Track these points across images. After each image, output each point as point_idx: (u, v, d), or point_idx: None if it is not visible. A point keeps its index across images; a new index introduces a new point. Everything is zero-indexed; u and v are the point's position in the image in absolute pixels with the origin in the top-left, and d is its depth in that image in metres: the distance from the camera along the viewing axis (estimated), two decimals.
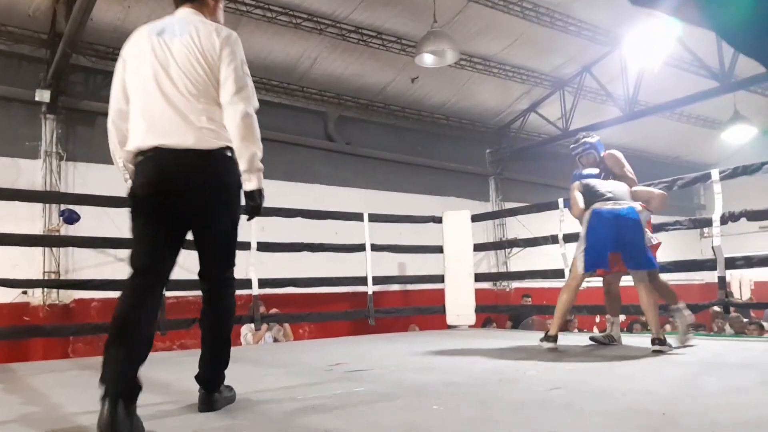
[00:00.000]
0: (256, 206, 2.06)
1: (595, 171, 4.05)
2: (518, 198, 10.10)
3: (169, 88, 1.98)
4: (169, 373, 3.39)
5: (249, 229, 5.19)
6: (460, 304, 6.04)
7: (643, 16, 7.34)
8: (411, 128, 9.53)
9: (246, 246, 5.15)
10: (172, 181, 1.98)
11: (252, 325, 5.35)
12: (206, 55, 2.02)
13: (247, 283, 5.16)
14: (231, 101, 2.00)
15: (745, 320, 7.24)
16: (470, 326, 6.06)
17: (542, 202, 6.41)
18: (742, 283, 11.65)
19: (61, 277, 6.33)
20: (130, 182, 2.11)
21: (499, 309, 8.54)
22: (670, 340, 3.70)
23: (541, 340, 3.81)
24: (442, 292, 6.14)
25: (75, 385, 3.01)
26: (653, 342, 3.50)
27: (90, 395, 2.66)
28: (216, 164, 2.02)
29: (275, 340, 6.31)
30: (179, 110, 1.97)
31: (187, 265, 6.13)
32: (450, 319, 6.09)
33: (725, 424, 1.71)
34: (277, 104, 8.26)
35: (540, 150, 10.56)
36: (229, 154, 2.04)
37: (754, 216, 4.44)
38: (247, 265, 5.19)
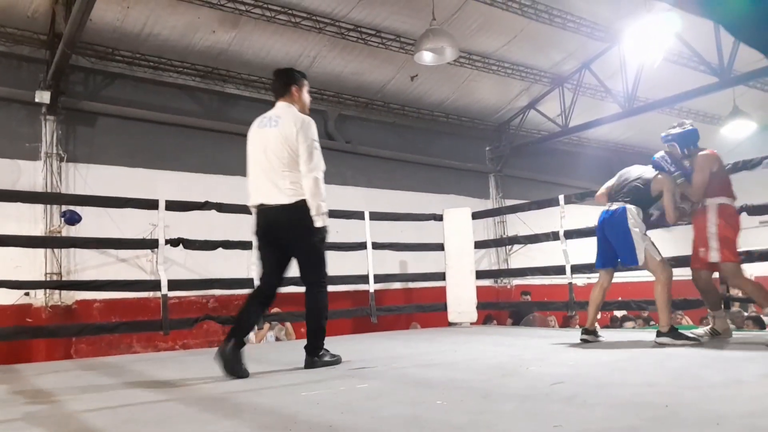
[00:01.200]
0: (321, 238, 3.15)
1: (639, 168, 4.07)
2: (518, 195, 10.11)
3: (265, 164, 3.13)
4: (173, 371, 3.40)
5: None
6: (462, 302, 6.05)
7: (642, 11, 7.34)
8: (411, 126, 9.54)
9: (248, 246, 5.17)
10: (272, 224, 3.16)
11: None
12: (288, 140, 3.12)
13: (248, 282, 5.18)
14: (305, 171, 3.10)
15: (744, 314, 7.25)
16: (472, 323, 6.07)
17: (542, 198, 6.42)
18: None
19: (63, 279, 6.35)
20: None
21: (501, 306, 8.55)
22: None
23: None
24: (443, 289, 6.15)
25: (79, 385, 3.02)
26: (658, 334, 3.54)
27: (94, 394, 2.68)
28: (296, 211, 3.08)
29: (277, 339, 6.32)
30: (272, 180, 3.11)
31: (188, 265, 6.14)
32: (451, 317, 6.10)
33: (728, 416, 1.72)
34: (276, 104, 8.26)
35: (540, 147, 10.56)
36: (303, 204, 3.09)
37: (754, 211, 4.44)
38: (249, 265, 5.21)
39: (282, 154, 3.10)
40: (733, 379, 2.36)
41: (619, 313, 8.76)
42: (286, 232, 3.14)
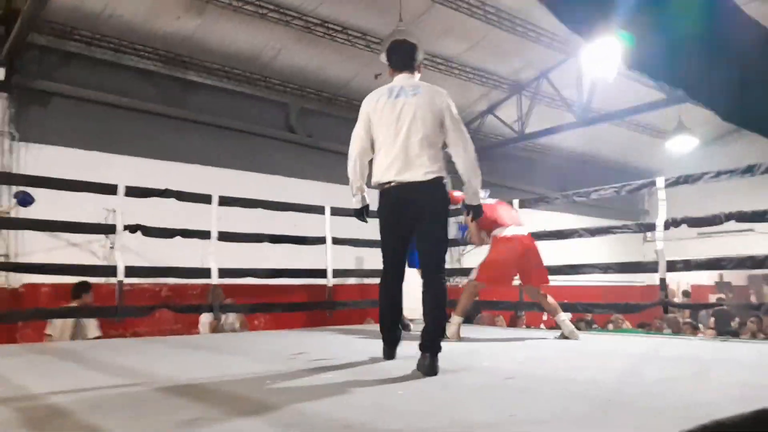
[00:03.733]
0: (478, 214, 3.05)
1: None
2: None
3: (401, 138, 2.77)
4: (132, 358, 3.40)
5: (209, 219, 5.21)
6: (415, 299, 6.16)
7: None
8: None
9: (206, 235, 5.16)
10: (406, 203, 2.81)
11: (210, 314, 5.36)
12: (434, 111, 2.81)
13: (205, 272, 5.17)
14: (460, 146, 2.85)
15: (682, 320, 7.69)
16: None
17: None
18: (680, 286, 12.29)
19: (11, 261, 6.15)
20: (359, 200, 3.05)
21: (453, 304, 8.73)
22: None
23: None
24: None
25: (36, 370, 2.99)
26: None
27: (56, 379, 2.67)
28: (434, 189, 2.78)
29: (232, 329, 6.31)
30: (407, 155, 2.76)
31: (141, 252, 6.06)
32: (405, 313, 6.21)
33: (664, 409, 1.90)
34: (239, 93, 8.21)
35: (497, 151, 10.83)
36: (440, 182, 2.80)
37: (694, 223, 4.74)
38: (207, 254, 5.20)
39: (424, 126, 2.77)
40: (668, 376, 2.56)
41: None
42: (422, 212, 2.78)
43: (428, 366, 2.58)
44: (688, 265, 4.82)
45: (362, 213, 3.07)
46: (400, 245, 2.93)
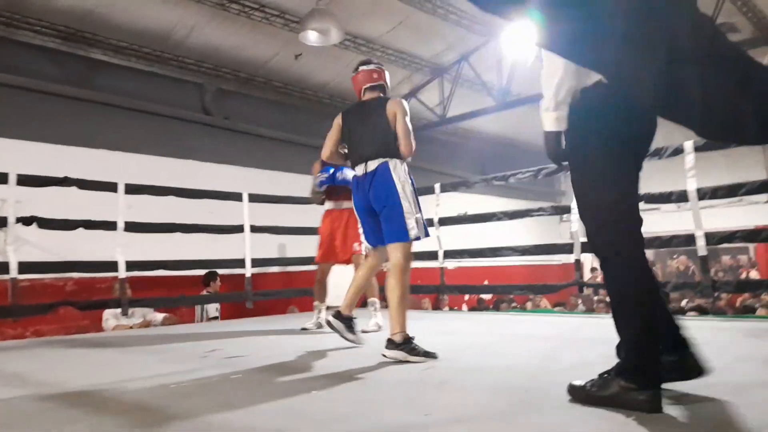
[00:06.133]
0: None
1: None
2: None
3: None
4: (24, 363, 3.10)
5: (115, 208, 4.87)
6: (340, 285, 6.08)
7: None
8: (295, 105, 9.35)
9: (112, 226, 4.82)
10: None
11: (117, 310, 5.01)
12: None
13: (112, 266, 4.83)
14: None
15: (595, 298, 8.03)
16: None
17: (420, 186, 6.60)
18: (592, 264, 12.87)
19: None
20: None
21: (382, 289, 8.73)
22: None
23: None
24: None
25: None
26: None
27: None
28: None
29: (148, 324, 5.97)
30: None
31: (44, 245, 5.61)
32: (330, 300, 6.11)
33: None
34: (149, 73, 7.73)
35: (419, 135, 10.76)
36: None
37: None
38: (114, 246, 4.86)
39: None
40: (584, 361, 2.60)
41: (486, 296, 9.32)
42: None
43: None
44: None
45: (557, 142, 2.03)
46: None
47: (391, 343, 2.79)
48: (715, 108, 0.86)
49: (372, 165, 3.10)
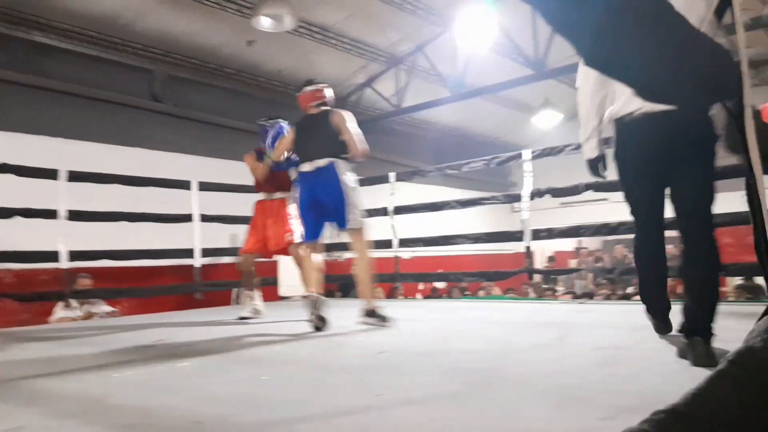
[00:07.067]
0: None
1: None
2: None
3: None
4: None
5: (56, 197, 4.67)
6: (293, 275, 6.02)
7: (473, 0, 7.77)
8: (248, 93, 9.16)
9: (53, 215, 4.62)
10: (672, 138, 2.21)
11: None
12: None
13: (53, 256, 4.64)
14: None
15: (544, 286, 8.22)
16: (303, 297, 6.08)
17: (375, 176, 6.59)
18: (544, 252, 13.17)
19: None
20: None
21: (330, 279, 8.68)
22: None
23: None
24: (275, 263, 6.06)
25: None
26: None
27: None
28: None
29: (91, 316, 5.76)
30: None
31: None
32: (283, 290, 6.06)
33: (539, 374, 1.93)
34: (96, 58, 7.42)
35: (375, 125, 10.79)
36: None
37: (557, 193, 4.99)
38: (56, 236, 4.67)
39: None
40: (537, 343, 2.64)
41: (440, 286, 9.40)
42: (697, 146, 2.11)
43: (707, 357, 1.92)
44: (551, 233, 5.08)
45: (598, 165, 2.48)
46: (659, 193, 2.26)
47: (369, 312, 3.44)
48: (650, 67, 0.87)
49: (320, 163, 3.57)
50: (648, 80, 0.90)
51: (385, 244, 5.81)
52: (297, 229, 4.07)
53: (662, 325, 2.49)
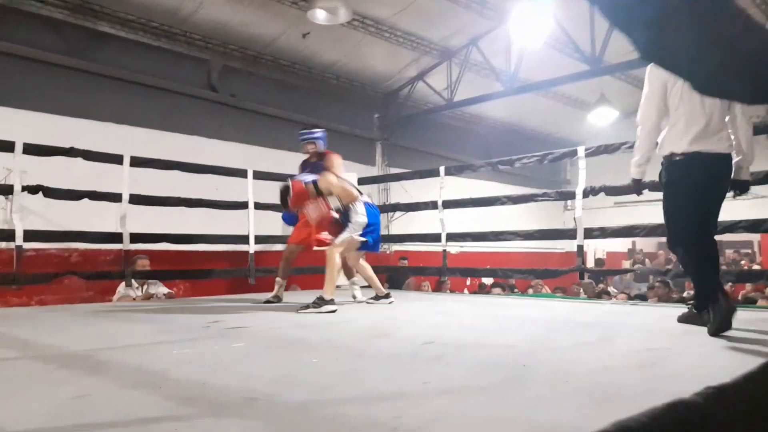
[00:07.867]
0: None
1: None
2: (403, 164, 10.30)
3: (697, 112, 2.88)
4: (26, 328, 3.15)
5: (121, 181, 4.89)
6: (342, 265, 6.11)
7: None
8: (300, 85, 9.32)
9: (117, 198, 4.85)
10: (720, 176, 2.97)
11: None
12: None
13: (116, 237, 4.87)
14: (746, 122, 3.00)
15: (600, 286, 8.05)
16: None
17: (425, 169, 6.61)
18: (596, 252, 12.88)
19: None
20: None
21: (378, 270, 8.76)
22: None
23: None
24: (323, 252, 6.16)
25: None
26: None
27: None
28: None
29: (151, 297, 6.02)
30: (711, 127, 2.87)
31: (48, 215, 5.64)
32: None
33: (575, 373, 1.92)
34: (156, 48, 7.70)
35: (425, 119, 10.80)
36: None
37: (611, 191, 4.89)
38: (118, 218, 4.90)
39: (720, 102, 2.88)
40: (579, 342, 2.62)
41: (487, 281, 9.33)
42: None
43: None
44: (604, 233, 4.98)
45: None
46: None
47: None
48: (705, 62, 0.87)
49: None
50: (706, 74, 0.89)
51: (434, 237, 5.82)
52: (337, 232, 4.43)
53: (728, 312, 2.66)
